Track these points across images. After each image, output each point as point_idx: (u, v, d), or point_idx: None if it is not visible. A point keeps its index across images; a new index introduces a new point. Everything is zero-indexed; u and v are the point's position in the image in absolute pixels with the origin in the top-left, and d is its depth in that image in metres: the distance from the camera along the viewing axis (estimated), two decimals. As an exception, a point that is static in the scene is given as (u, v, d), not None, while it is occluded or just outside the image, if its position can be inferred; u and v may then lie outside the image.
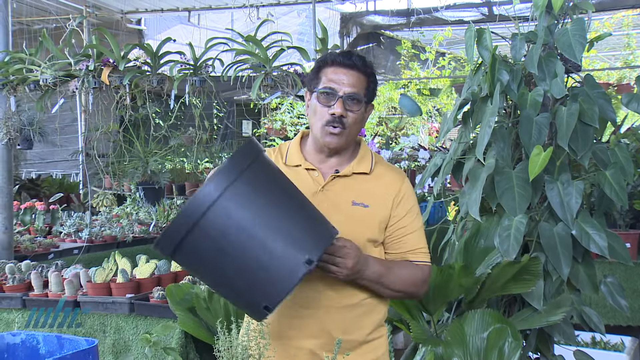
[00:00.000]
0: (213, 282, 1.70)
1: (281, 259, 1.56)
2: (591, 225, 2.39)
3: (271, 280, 1.57)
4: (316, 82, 1.91)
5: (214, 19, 8.39)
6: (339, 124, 1.86)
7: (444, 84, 8.79)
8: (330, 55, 1.93)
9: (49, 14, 7.27)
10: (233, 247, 1.56)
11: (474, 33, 2.54)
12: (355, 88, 1.87)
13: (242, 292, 1.63)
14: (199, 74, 4.02)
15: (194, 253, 1.59)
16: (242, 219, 1.56)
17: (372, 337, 1.94)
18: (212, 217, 1.54)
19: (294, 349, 1.87)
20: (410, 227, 1.94)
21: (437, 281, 2.42)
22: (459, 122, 2.71)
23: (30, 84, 4.20)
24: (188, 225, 1.54)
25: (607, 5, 6.56)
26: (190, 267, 1.70)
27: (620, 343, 4.03)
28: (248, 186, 1.59)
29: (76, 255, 4.62)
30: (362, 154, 1.97)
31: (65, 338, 1.87)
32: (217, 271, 1.62)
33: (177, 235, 1.55)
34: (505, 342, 2.31)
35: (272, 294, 1.58)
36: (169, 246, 1.59)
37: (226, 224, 1.55)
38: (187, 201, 1.62)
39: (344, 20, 7.85)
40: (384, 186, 1.94)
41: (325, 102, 1.87)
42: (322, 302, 1.86)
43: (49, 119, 6.58)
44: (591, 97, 2.44)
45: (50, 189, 7.03)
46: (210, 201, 1.54)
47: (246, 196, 1.58)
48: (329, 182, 1.91)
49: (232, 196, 1.56)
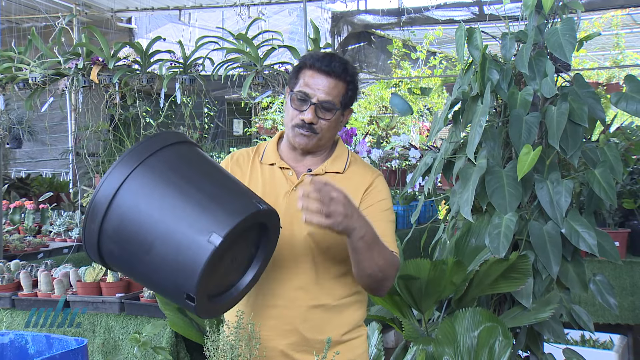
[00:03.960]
0: (140, 279, 1.65)
1: (187, 242, 1.49)
2: (580, 223, 2.40)
3: (183, 265, 1.50)
4: (294, 82, 1.88)
5: (205, 18, 8.37)
6: (308, 129, 1.84)
7: (434, 83, 8.82)
8: (311, 57, 1.89)
9: (39, 12, 7.22)
10: (142, 236, 1.52)
11: (464, 32, 2.54)
12: (329, 96, 1.83)
13: (163, 283, 1.57)
14: (189, 73, 4.01)
15: (112, 253, 1.57)
16: (145, 204, 1.52)
17: (348, 337, 1.91)
18: (116, 210, 1.51)
19: (269, 350, 1.86)
20: (377, 217, 1.84)
21: (430, 276, 2.42)
22: (450, 122, 2.71)
23: (19, 83, 4.18)
24: (97, 224, 1.52)
25: (597, 5, 6.60)
26: (119, 268, 1.66)
27: (609, 341, 4.05)
28: (148, 174, 1.54)
29: (66, 255, 4.59)
30: (337, 154, 1.95)
31: (54, 338, 1.86)
32: (136, 266, 1.57)
33: (93, 238, 1.54)
34: (496, 340, 2.32)
35: (186, 280, 1.50)
36: (92, 251, 1.57)
37: (131, 214, 1.52)
38: (89, 202, 1.60)
39: (334, 19, 7.86)
40: (356, 182, 1.91)
41: (298, 106, 1.85)
42: (292, 302, 1.85)
43: (38, 118, 6.55)
44: (581, 96, 2.46)
45: (40, 188, 6.98)
46: (110, 196, 1.51)
47: (147, 184, 1.54)
48: (302, 181, 1.89)
49: (133, 186, 1.52)
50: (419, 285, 2.46)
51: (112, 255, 1.58)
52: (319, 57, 1.86)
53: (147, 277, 1.59)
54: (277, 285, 1.84)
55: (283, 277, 1.85)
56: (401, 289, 2.52)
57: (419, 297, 2.51)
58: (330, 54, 1.90)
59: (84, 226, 1.55)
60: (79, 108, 5.00)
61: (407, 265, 2.44)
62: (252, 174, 1.94)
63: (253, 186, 1.89)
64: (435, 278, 2.44)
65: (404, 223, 5.44)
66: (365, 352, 1.97)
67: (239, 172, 1.95)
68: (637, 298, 4.10)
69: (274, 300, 1.86)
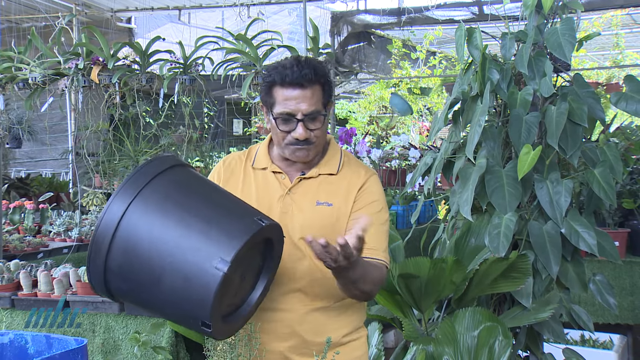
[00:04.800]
0: (153, 311, 1.63)
1: (195, 270, 1.48)
2: (580, 223, 2.40)
3: (193, 293, 1.49)
4: (271, 102, 1.82)
5: (205, 18, 8.37)
6: (304, 144, 1.82)
7: (434, 83, 8.82)
8: (278, 73, 1.79)
9: (38, 12, 7.22)
10: (148, 270, 1.49)
11: (464, 32, 2.54)
12: (312, 106, 1.78)
13: (177, 313, 1.56)
14: (189, 73, 4.01)
15: (120, 288, 1.54)
16: (147, 237, 1.49)
17: (348, 339, 1.92)
18: (119, 243, 1.49)
19: (269, 353, 1.86)
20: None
21: (430, 275, 2.42)
22: (450, 121, 2.71)
23: (19, 83, 4.17)
24: (102, 260, 1.50)
25: (596, 5, 6.59)
26: (129, 301, 1.65)
27: (609, 341, 4.05)
28: (147, 204, 1.52)
29: (66, 255, 4.59)
30: (330, 155, 1.93)
31: (54, 338, 1.85)
32: (147, 299, 1.55)
33: (99, 274, 1.52)
34: (496, 340, 2.32)
35: (200, 308, 1.49)
36: (100, 287, 1.54)
37: (134, 247, 1.49)
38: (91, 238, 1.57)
39: (334, 19, 7.85)
40: (349, 182, 1.90)
41: (285, 128, 1.80)
42: (291, 305, 1.85)
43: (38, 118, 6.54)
44: (580, 96, 2.45)
45: (40, 188, 6.98)
46: (112, 229, 1.49)
47: (147, 214, 1.51)
48: (295, 184, 1.88)
49: (133, 217, 1.50)
50: (418, 284, 2.46)
51: (121, 290, 1.56)
52: (288, 72, 1.78)
53: (159, 309, 1.57)
54: (275, 288, 1.83)
55: (281, 280, 1.84)
56: (401, 288, 2.52)
57: (419, 296, 2.51)
58: (295, 62, 1.80)
59: (88, 263, 1.52)
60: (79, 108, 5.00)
61: (407, 264, 2.44)
62: (245, 179, 1.92)
63: (247, 191, 1.88)
64: (435, 277, 2.44)
65: (404, 223, 5.44)
66: (365, 353, 1.97)
67: (232, 178, 1.93)
68: (637, 298, 4.11)
69: (273, 304, 1.85)
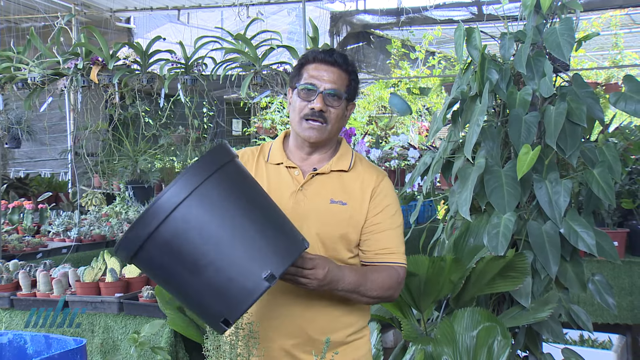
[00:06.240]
0: (173, 292, 1.63)
1: (242, 273, 1.50)
2: (579, 223, 2.41)
3: (231, 294, 1.51)
4: (298, 79, 1.92)
5: (204, 18, 8.37)
6: (319, 118, 1.87)
7: (433, 83, 8.81)
8: (311, 52, 1.95)
9: (37, 12, 7.22)
10: (193, 257, 1.49)
11: (463, 32, 2.54)
12: (335, 85, 1.88)
13: (202, 304, 1.56)
14: (190, 73, 4.01)
15: (152, 260, 1.53)
16: (204, 227, 1.49)
17: (353, 337, 1.93)
18: (172, 223, 1.48)
19: (275, 350, 1.86)
20: (385, 224, 1.92)
21: (428, 274, 2.42)
22: (449, 121, 2.71)
23: (18, 83, 4.17)
24: (148, 231, 1.48)
25: (595, 5, 6.61)
26: (150, 273, 1.63)
27: (608, 341, 4.05)
28: (212, 193, 1.51)
29: (65, 255, 4.58)
30: (341, 152, 1.97)
31: (53, 338, 1.86)
32: (176, 281, 1.55)
33: (136, 241, 1.50)
34: (495, 340, 2.32)
35: (231, 308, 1.52)
36: (128, 251, 1.53)
37: (187, 231, 1.48)
38: (147, 206, 1.55)
39: (333, 19, 7.86)
40: (362, 182, 1.93)
41: (306, 97, 1.88)
42: (299, 302, 1.85)
43: (37, 118, 6.55)
44: (579, 96, 2.46)
45: (39, 188, 6.98)
46: (171, 207, 1.47)
47: (210, 203, 1.51)
48: (308, 180, 1.91)
49: (195, 203, 1.49)
50: (417, 283, 2.46)
51: (151, 261, 1.55)
52: (321, 51, 1.93)
53: (184, 294, 1.57)
54: (283, 285, 1.83)
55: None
56: (400, 288, 2.52)
57: (418, 295, 2.51)
58: (330, 48, 1.97)
59: (131, 228, 1.51)
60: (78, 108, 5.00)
61: (406, 263, 2.44)
62: (257, 174, 1.94)
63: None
64: (434, 275, 2.44)
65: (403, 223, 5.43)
66: (368, 352, 1.98)
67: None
68: (636, 298, 4.11)
69: (280, 300, 1.86)
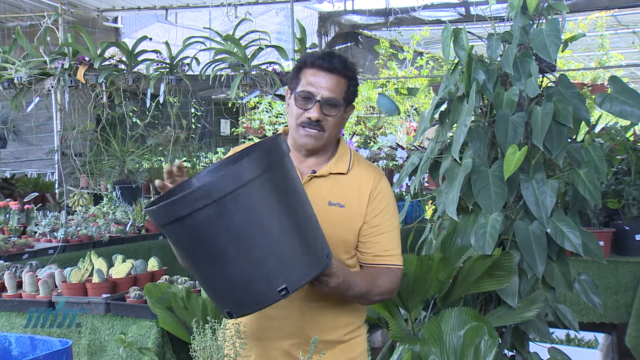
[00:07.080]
0: (192, 268, 1.62)
1: (261, 279, 1.50)
2: (565, 223, 2.42)
3: (243, 293, 1.52)
4: (296, 83, 1.89)
5: (192, 18, 8.34)
6: (316, 127, 1.86)
7: (421, 84, 8.84)
8: (310, 56, 1.90)
9: (23, 11, 7.16)
10: (222, 248, 1.48)
11: (450, 33, 2.55)
12: (333, 93, 1.86)
13: (216, 288, 1.59)
14: (175, 73, 4.00)
15: (189, 233, 1.49)
16: (252, 215, 1.47)
17: (350, 336, 1.94)
18: (231, 201, 1.43)
19: (273, 350, 1.86)
20: (383, 226, 1.92)
21: (416, 273, 2.42)
22: (436, 122, 2.72)
23: (4, 82, 4.15)
24: (193, 207, 1.43)
25: (581, 7, 6.65)
26: (178, 243, 1.60)
27: (594, 340, 4.08)
28: (271, 182, 1.49)
29: (51, 255, 4.55)
30: (340, 154, 1.96)
31: (38, 339, 1.84)
32: (197, 263, 1.56)
33: (186, 209, 1.44)
34: (482, 340, 2.32)
35: (238, 305, 1.54)
36: (169, 215, 1.47)
37: (235, 215, 1.45)
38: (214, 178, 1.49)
39: (322, 19, 7.85)
40: (360, 184, 1.93)
41: (303, 105, 1.86)
42: (297, 302, 1.85)
43: (23, 118, 6.49)
44: (565, 97, 2.47)
45: (25, 188, 6.93)
46: (238, 184, 1.43)
47: (266, 193, 1.48)
48: (306, 182, 1.90)
49: (257, 187, 1.45)
50: (405, 281, 2.46)
51: (178, 240, 1.55)
52: (319, 56, 1.89)
53: (207, 272, 1.57)
54: None
55: None
56: (388, 289, 2.52)
57: (406, 294, 2.52)
58: (329, 52, 1.92)
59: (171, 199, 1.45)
60: (65, 108, 4.97)
61: (403, 263, 2.45)
62: None
63: None
64: (422, 274, 2.44)
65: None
66: (365, 350, 1.99)
67: None
68: (621, 297, 4.14)
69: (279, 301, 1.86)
